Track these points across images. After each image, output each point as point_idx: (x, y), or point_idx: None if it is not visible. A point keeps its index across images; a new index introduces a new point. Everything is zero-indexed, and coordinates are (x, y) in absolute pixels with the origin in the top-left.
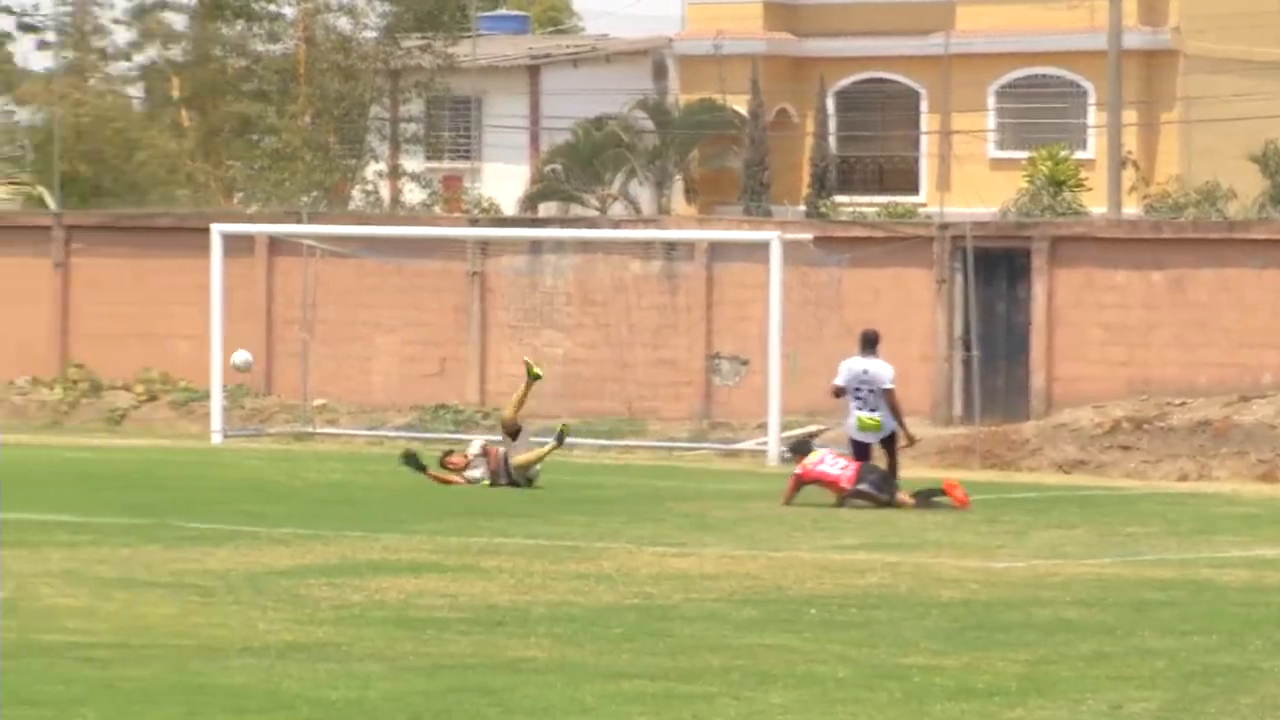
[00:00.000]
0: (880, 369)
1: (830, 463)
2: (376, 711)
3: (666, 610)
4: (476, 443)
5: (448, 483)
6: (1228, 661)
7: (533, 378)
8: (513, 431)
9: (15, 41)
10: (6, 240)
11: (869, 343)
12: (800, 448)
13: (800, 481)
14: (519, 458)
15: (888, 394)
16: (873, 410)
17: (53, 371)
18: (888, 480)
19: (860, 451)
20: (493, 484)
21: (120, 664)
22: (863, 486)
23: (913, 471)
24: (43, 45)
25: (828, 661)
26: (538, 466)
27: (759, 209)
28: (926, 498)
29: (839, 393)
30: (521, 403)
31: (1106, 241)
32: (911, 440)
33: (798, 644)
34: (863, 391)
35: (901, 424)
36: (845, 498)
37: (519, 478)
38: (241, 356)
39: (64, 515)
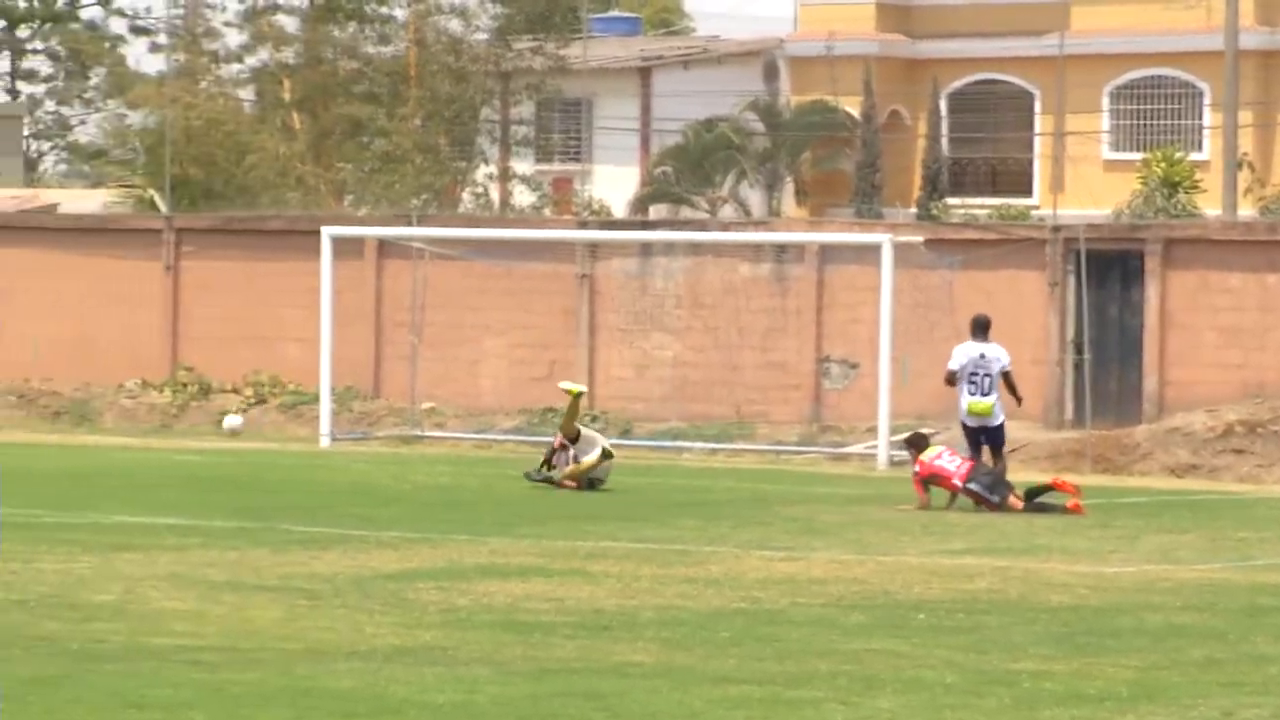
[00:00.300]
0: (997, 352)
1: (946, 459)
2: (483, 715)
3: (774, 615)
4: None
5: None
6: None
7: (576, 396)
8: (572, 437)
9: (128, 45)
10: (118, 243)
11: (982, 327)
12: (917, 441)
13: (923, 480)
14: (565, 470)
15: (1005, 376)
16: (985, 395)
17: (162, 374)
18: (1000, 483)
19: (972, 438)
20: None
21: (228, 667)
22: (973, 486)
23: (1023, 475)
24: (155, 48)
25: (936, 667)
26: (598, 472)
27: (870, 211)
28: (1034, 497)
29: (951, 379)
30: (574, 414)
31: (1221, 244)
32: (1019, 400)
33: (905, 649)
34: (978, 376)
35: (1017, 395)
36: (956, 495)
37: (581, 481)
38: (231, 422)
39: (172, 518)
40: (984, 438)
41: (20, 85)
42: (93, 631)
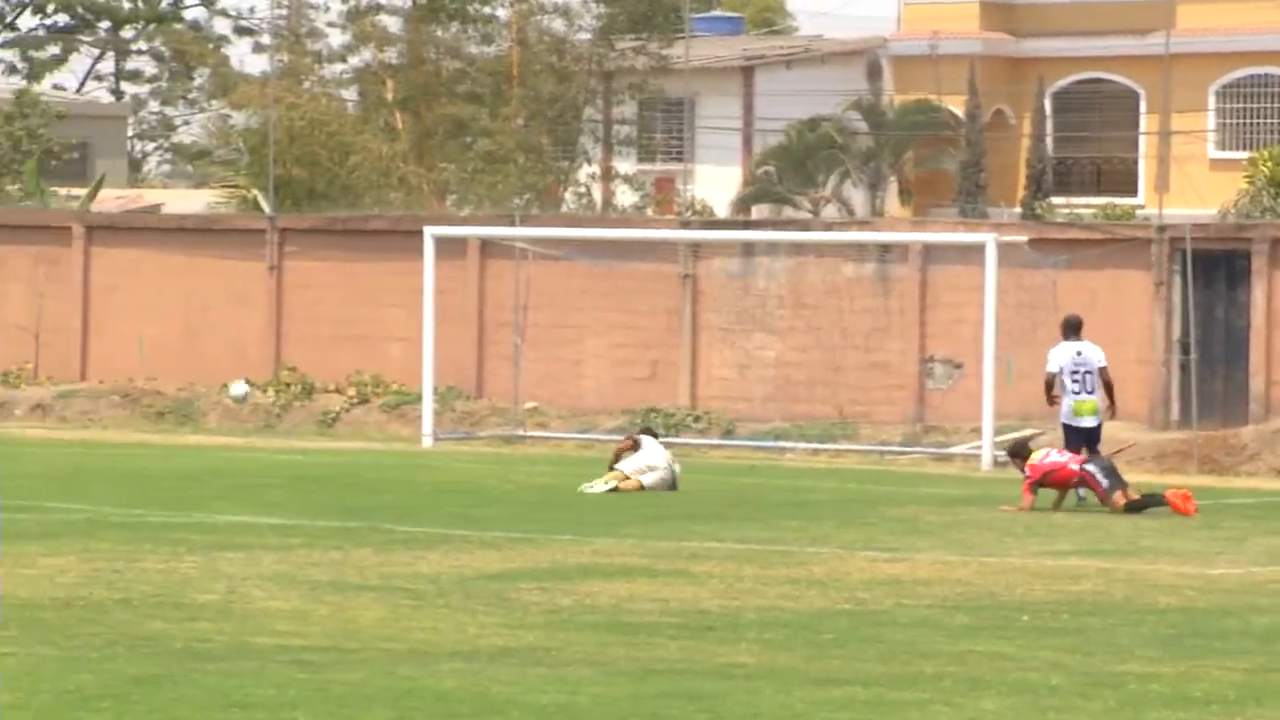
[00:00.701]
0: (1092, 350)
1: (1055, 454)
2: (585, 716)
3: (878, 616)
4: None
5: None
6: None
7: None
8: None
9: (232, 45)
10: (221, 243)
11: (1074, 328)
12: (1019, 450)
13: (1034, 484)
14: (628, 482)
15: (1102, 372)
16: (1090, 393)
17: (265, 374)
18: (1115, 474)
19: (1075, 439)
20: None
21: (331, 668)
22: (1090, 468)
23: (1131, 477)
24: (258, 49)
25: (1040, 669)
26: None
27: (974, 211)
28: (1140, 508)
29: (1051, 383)
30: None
31: None
32: (1113, 412)
33: (1010, 650)
34: (1079, 374)
35: (1112, 399)
36: (1064, 494)
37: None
38: (237, 390)
39: (276, 518)
40: (1085, 438)
41: (125, 86)
42: (197, 631)
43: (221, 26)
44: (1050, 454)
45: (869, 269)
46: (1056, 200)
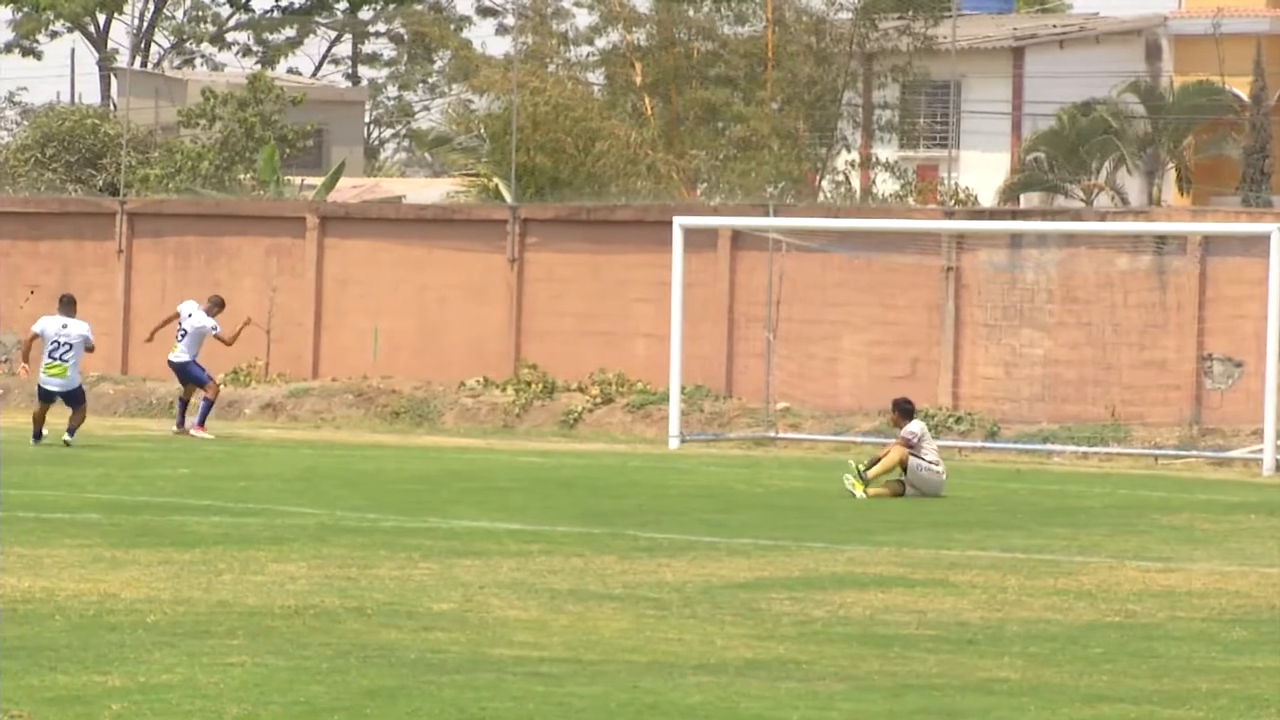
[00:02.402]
0: None
1: None
2: None
3: (1150, 629)
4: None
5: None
6: None
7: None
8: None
9: (474, 26)
10: (461, 234)
11: None
12: None
13: None
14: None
15: None
16: None
17: (505, 372)
18: None
19: None
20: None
21: (571, 680)
22: None
23: None
24: (501, 30)
25: None
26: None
27: (1259, 199)
28: None
29: None
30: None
31: None
32: None
33: None
34: None
35: None
36: None
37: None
38: None
39: (514, 523)
40: None
41: (362, 70)
42: (431, 641)
43: (463, 7)
44: None
45: (1144, 261)
46: None
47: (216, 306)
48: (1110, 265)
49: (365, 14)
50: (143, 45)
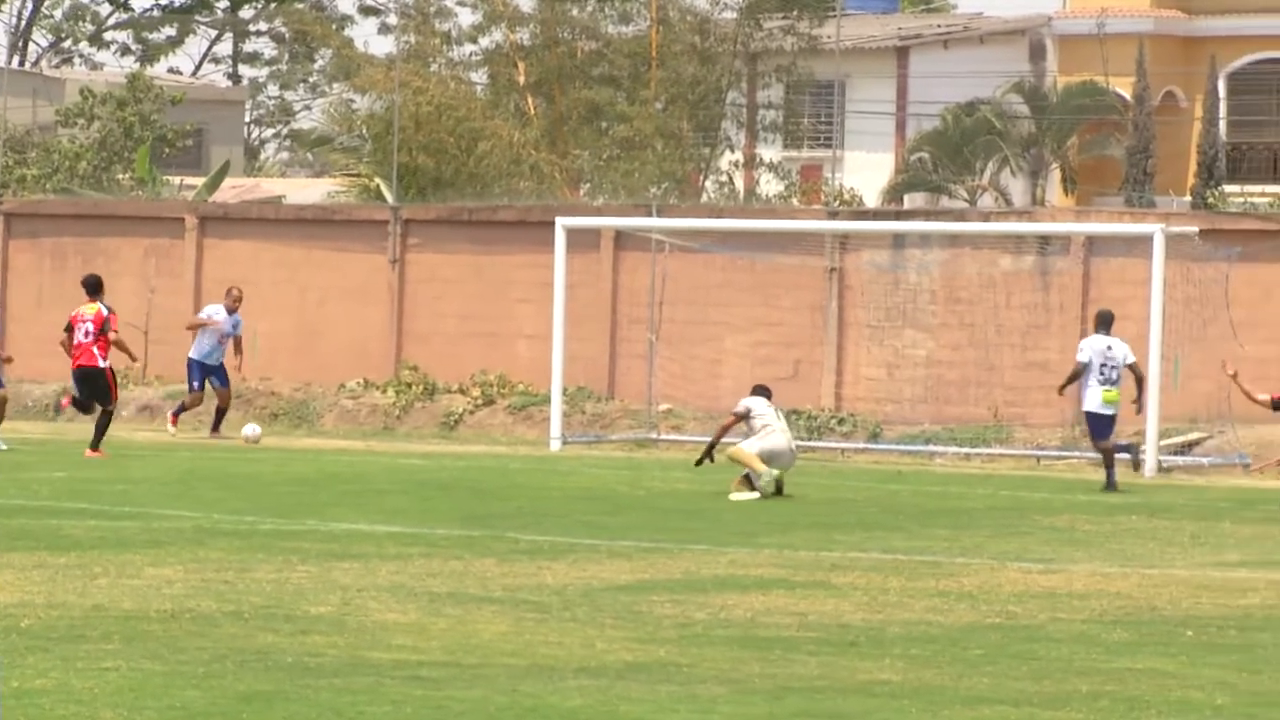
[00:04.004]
0: (1121, 345)
1: None
2: None
3: (1031, 631)
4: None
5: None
6: None
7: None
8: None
9: (356, 25)
10: (342, 235)
11: (1107, 322)
12: None
13: None
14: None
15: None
16: (1114, 384)
17: (386, 373)
18: None
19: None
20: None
21: (450, 684)
22: None
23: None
24: (384, 29)
25: (1205, 688)
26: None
27: (1142, 200)
28: None
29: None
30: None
31: None
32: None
33: (1172, 668)
34: (1107, 367)
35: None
36: None
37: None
38: (250, 431)
39: (394, 526)
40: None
41: (242, 69)
42: (309, 645)
43: (345, 6)
44: None
45: (1028, 262)
46: (1230, 189)
47: (93, 290)
48: (994, 266)
49: (246, 13)
50: (20, 44)
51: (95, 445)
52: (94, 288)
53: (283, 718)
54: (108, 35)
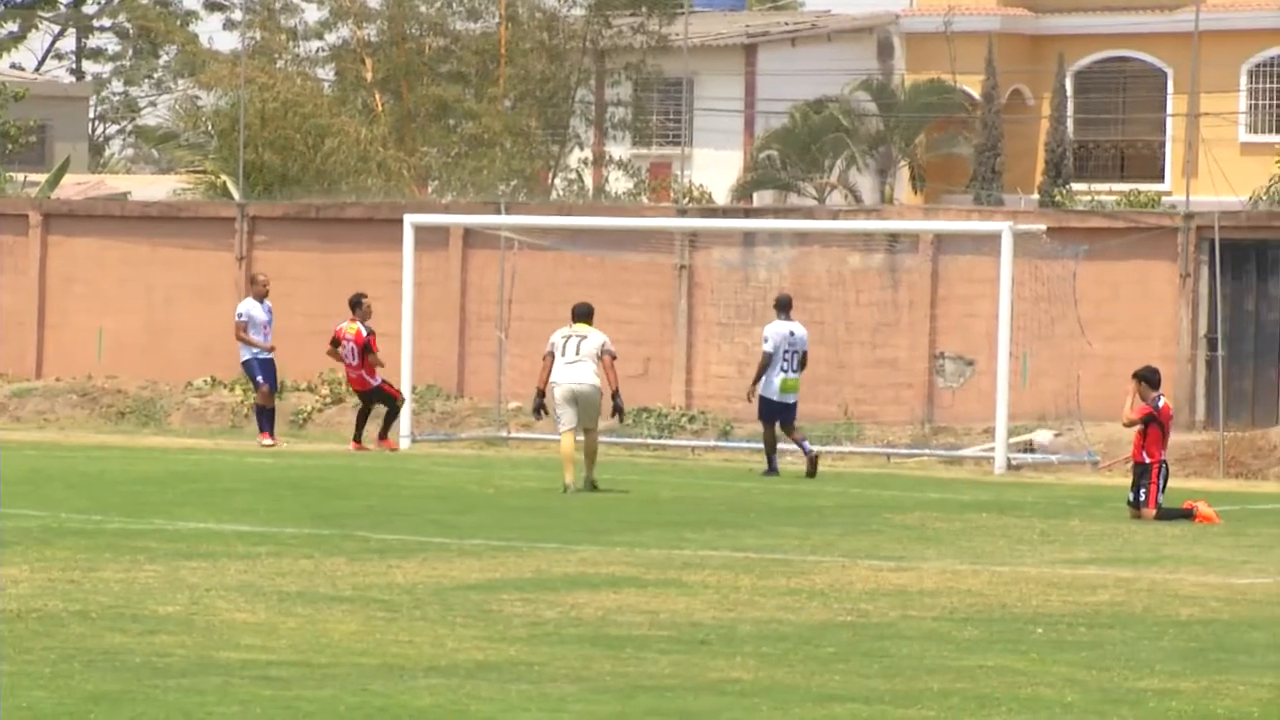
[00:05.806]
0: (802, 331)
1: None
2: None
3: (882, 629)
4: None
5: None
6: None
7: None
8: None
9: (201, 21)
10: (187, 232)
11: (785, 306)
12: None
13: None
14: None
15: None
16: (795, 372)
17: (233, 372)
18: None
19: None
20: None
21: (300, 683)
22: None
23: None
24: (229, 25)
25: (1055, 684)
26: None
27: (990, 198)
28: (1169, 518)
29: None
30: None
31: None
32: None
33: (1022, 665)
34: (790, 354)
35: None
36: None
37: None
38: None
39: (243, 525)
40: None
41: (86, 65)
42: (157, 645)
43: (190, 1)
44: None
45: (877, 260)
46: (1077, 186)
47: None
48: (842, 264)
49: (89, 8)
50: None
51: (384, 435)
52: (354, 306)
53: (130, 718)
54: None
